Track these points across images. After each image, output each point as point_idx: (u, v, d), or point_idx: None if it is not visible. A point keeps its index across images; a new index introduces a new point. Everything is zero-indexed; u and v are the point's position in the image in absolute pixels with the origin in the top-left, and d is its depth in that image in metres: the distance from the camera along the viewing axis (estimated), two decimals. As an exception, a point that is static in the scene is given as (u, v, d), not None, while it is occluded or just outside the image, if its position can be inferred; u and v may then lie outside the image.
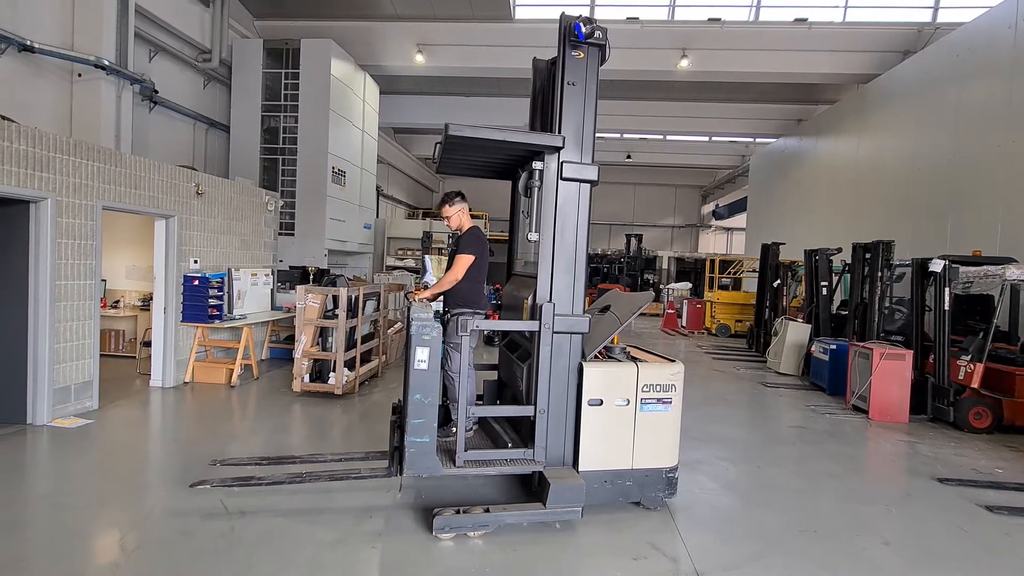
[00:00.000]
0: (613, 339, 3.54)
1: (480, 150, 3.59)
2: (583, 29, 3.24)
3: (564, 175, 3.27)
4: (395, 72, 11.80)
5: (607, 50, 3.39)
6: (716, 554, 3.01)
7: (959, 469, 4.50)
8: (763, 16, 10.99)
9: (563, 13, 3.34)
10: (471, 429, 3.81)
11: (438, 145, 3.47)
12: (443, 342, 3.39)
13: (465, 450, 3.22)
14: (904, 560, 3.03)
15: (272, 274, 7.63)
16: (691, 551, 3.01)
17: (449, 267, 3.88)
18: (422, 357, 3.09)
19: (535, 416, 3.27)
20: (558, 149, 3.26)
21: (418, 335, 3.09)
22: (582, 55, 3.32)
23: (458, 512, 3.04)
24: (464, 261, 3.75)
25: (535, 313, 3.29)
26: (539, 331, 3.24)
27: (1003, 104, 7.50)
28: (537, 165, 3.26)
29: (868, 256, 7.15)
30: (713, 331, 13.15)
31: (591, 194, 3.37)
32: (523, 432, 3.53)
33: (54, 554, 2.74)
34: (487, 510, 3.09)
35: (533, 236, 3.28)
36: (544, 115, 3.91)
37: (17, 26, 6.15)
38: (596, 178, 3.32)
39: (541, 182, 3.27)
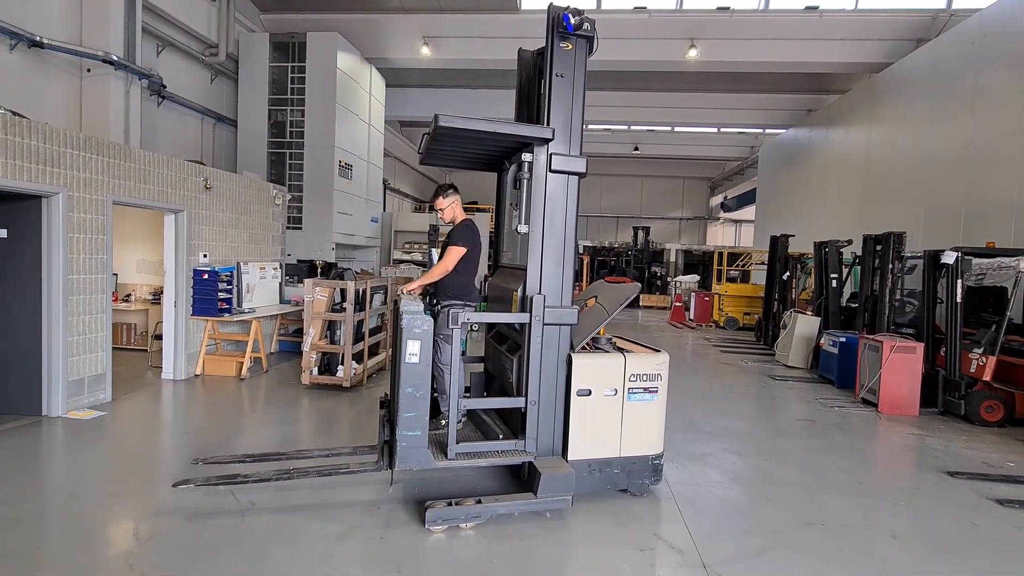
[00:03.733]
0: (599, 330, 3.54)
1: (468, 141, 3.57)
2: (572, 20, 3.21)
3: (553, 167, 3.27)
4: (401, 65, 11.76)
5: (595, 41, 3.37)
6: (723, 546, 3.01)
7: (969, 463, 4.47)
8: (773, 4, 10.81)
9: (551, 3, 3.31)
10: (460, 421, 3.83)
11: (425, 136, 3.45)
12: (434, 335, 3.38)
13: (456, 442, 3.23)
14: (913, 554, 3.01)
15: (280, 268, 7.68)
16: (698, 543, 3.02)
17: (441, 258, 3.87)
18: (413, 350, 3.07)
19: (526, 407, 3.29)
20: (547, 141, 3.25)
21: (409, 328, 3.07)
22: (570, 46, 3.30)
23: (450, 504, 3.06)
24: (456, 253, 3.75)
25: (525, 305, 3.29)
26: (530, 323, 3.25)
27: (1019, 92, 7.35)
28: (527, 157, 3.25)
29: (879, 248, 7.07)
30: (721, 324, 13.08)
31: (579, 186, 3.37)
32: (513, 423, 3.56)
33: (70, 543, 2.80)
34: (479, 501, 3.10)
35: (523, 228, 3.27)
36: (530, 106, 3.89)
37: (26, 22, 6.19)
38: (584, 170, 3.33)
39: (531, 174, 3.26)
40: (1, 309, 4.64)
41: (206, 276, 6.09)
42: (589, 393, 3.34)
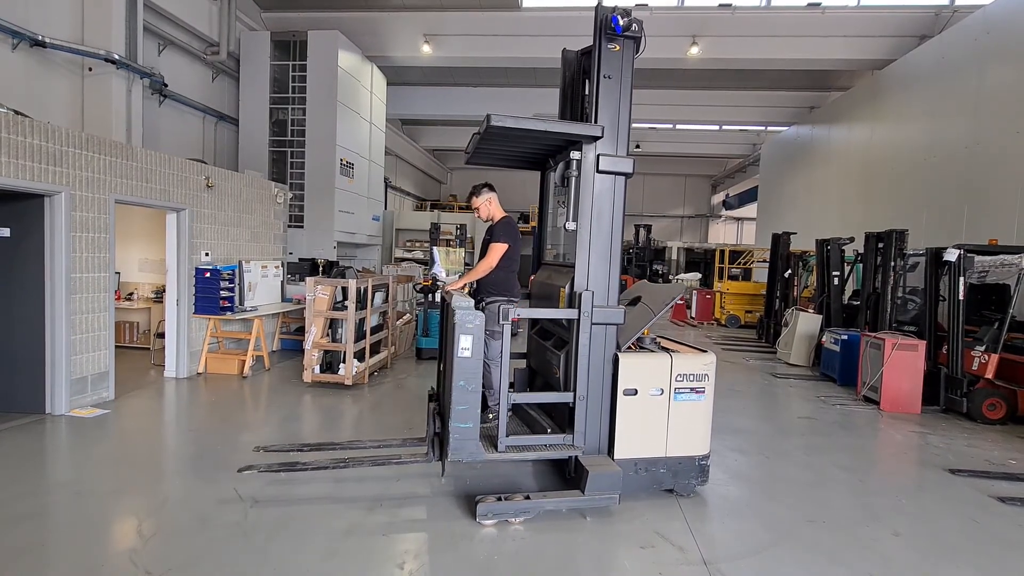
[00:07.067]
0: (644, 331, 3.57)
1: (516, 140, 3.61)
2: (620, 22, 3.21)
3: (600, 168, 3.30)
4: (402, 63, 11.76)
5: (643, 42, 3.37)
6: (724, 544, 3.02)
7: (972, 460, 4.47)
8: (775, 1, 10.78)
9: (599, 4, 3.32)
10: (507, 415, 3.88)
11: (475, 135, 3.46)
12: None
13: (506, 436, 3.27)
14: (915, 551, 3.02)
15: (282, 266, 7.69)
16: (699, 541, 3.03)
17: (483, 256, 3.93)
18: (465, 345, 3.12)
19: (574, 402, 3.32)
20: (596, 139, 3.28)
21: (462, 324, 3.11)
22: (618, 48, 3.30)
23: (500, 499, 3.11)
24: (499, 249, 3.82)
25: (573, 301, 3.32)
26: (578, 319, 3.29)
27: (1023, 89, 7.32)
28: (575, 155, 3.28)
29: (881, 245, 7.05)
30: (723, 322, 13.08)
31: (626, 186, 3.40)
32: (558, 418, 3.60)
33: (74, 540, 2.81)
34: (527, 497, 3.16)
35: (571, 225, 3.30)
36: (574, 106, 3.94)
37: (28, 21, 6.20)
38: (631, 171, 3.35)
39: (579, 171, 3.29)
40: (5, 308, 4.66)
41: (208, 274, 6.10)
42: (635, 392, 3.36)
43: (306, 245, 9.93)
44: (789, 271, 10.10)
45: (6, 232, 4.62)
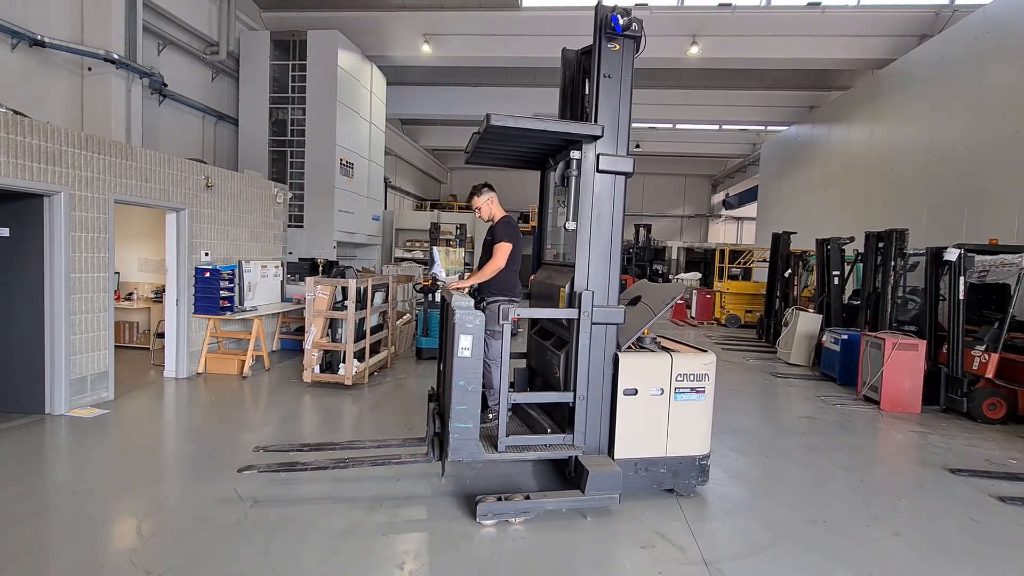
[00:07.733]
0: (644, 330, 3.57)
1: (516, 140, 3.61)
2: (620, 21, 3.22)
3: (600, 167, 3.30)
4: (402, 63, 11.76)
5: (643, 41, 3.37)
6: (724, 544, 3.01)
7: (972, 460, 4.47)
8: (775, 1, 10.77)
9: (599, 4, 3.32)
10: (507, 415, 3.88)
11: (475, 135, 3.46)
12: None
13: (506, 435, 3.27)
14: (915, 551, 3.01)
15: (282, 266, 7.68)
16: (699, 541, 3.02)
17: (486, 256, 3.94)
18: (465, 345, 3.12)
19: (574, 402, 3.32)
20: (596, 138, 3.28)
21: (461, 323, 3.11)
22: (618, 47, 3.31)
23: (500, 499, 3.11)
24: (504, 249, 3.83)
25: (573, 301, 3.32)
26: (578, 319, 3.29)
27: (1023, 89, 7.31)
28: (575, 154, 3.28)
29: (881, 245, 7.05)
30: (723, 321, 13.08)
31: (626, 186, 3.40)
32: (558, 418, 3.60)
33: (74, 540, 2.81)
34: (527, 497, 3.16)
35: (571, 225, 3.30)
36: (574, 105, 3.94)
37: (28, 21, 6.19)
38: (631, 170, 3.35)
39: (579, 171, 3.28)
40: (4, 308, 4.66)
41: (208, 274, 6.10)
42: (635, 392, 3.37)
43: (306, 245, 9.92)
44: (789, 271, 10.10)
45: (5, 232, 4.61)
